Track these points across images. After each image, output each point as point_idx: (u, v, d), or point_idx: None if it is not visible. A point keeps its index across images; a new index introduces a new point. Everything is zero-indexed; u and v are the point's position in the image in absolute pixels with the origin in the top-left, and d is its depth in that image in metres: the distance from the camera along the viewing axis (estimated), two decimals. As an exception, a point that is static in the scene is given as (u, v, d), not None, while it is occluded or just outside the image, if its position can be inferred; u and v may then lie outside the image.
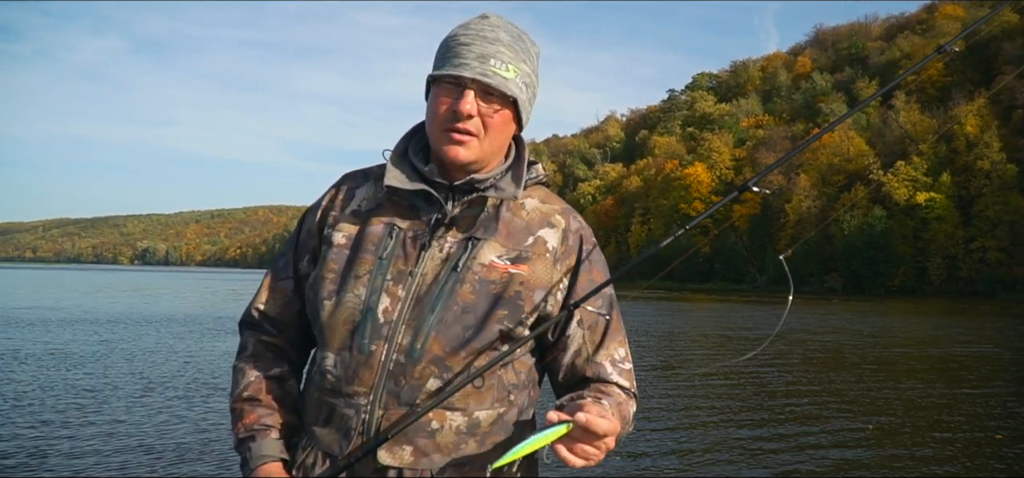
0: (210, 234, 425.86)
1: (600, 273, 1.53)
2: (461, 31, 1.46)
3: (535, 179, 1.55)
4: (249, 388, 1.53)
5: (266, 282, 1.62)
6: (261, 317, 1.59)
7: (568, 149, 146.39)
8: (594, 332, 1.51)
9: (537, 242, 1.48)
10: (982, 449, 8.01)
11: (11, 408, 8.99)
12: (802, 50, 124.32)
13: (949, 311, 39.06)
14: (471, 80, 1.41)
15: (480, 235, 1.45)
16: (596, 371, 1.50)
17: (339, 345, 1.44)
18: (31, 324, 19.77)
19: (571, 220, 1.54)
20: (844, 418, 9.42)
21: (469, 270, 1.43)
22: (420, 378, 1.40)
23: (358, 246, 1.48)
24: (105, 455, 7.07)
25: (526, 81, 1.47)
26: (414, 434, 1.39)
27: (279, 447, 1.48)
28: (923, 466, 7.29)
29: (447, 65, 1.43)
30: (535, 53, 1.51)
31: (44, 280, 58.74)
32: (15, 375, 11.42)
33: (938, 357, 16.75)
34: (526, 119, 1.51)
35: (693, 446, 7.93)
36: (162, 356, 14.02)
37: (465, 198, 1.47)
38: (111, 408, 9.16)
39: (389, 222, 1.48)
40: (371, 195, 1.53)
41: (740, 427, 8.86)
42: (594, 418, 1.25)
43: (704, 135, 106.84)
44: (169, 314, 24.08)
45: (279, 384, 1.55)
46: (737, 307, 38.17)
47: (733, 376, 13.02)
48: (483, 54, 1.42)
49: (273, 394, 1.53)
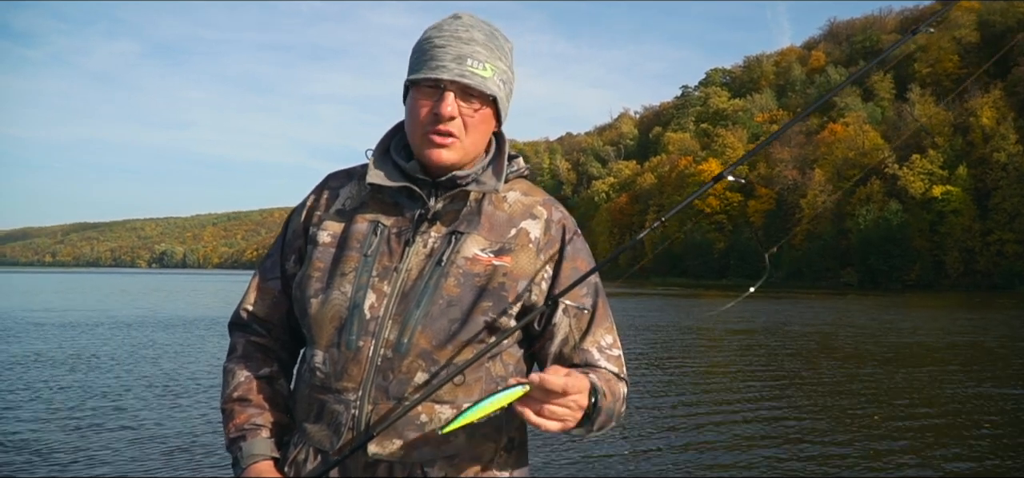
0: (227, 236, 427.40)
1: (584, 261, 1.55)
2: (435, 33, 1.46)
3: (516, 172, 1.57)
4: (239, 389, 1.55)
5: (254, 283, 1.64)
6: (250, 318, 1.62)
7: (582, 147, 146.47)
8: (580, 320, 1.52)
9: (520, 233, 1.49)
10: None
11: (45, 410, 9.19)
12: (816, 44, 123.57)
13: (966, 304, 38.84)
14: (450, 82, 1.41)
15: (463, 229, 1.47)
16: (584, 358, 1.51)
17: (327, 342, 1.45)
18: (66, 326, 20.09)
19: (553, 210, 1.56)
20: (859, 414, 9.47)
21: (453, 264, 1.44)
22: (408, 372, 1.41)
23: (343, 244, 1.49)
24: (138, 457, 7.25)
25: (503, 78, 1.49)
26: (403, 427, 1.40)
27: (270, 446, 1.50)
28: (947, 463, 7.27)
29: (424, 68, 1.43)
30: (509, 49, 1.52)
31: (66, 284, 59.33)
32: (46, 377, 11.65)
33: (961, 348, 16.73)
34: (505, 115, 1.54)
35: (698, 441, 8.02)
36: (188, 357, 14.25)
37: (447, 193, 1.48)
38: (147, 408, 9.35)
39: (373, 220, 1.50)
40: (355, 194, 1.55)
41: (749, 423, 8.93)
42: (548, 376, 1.26)
43: (718, 131, 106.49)
44: (193, 316, 24.36)
45: (269, 384, 1.58)
46: (749, 302, 38.04)
47: (737, 372, 13.08)
48: (460, 55, 1.42)
49: (263, 394, 1.56)
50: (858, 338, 19.18)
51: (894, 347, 17.10)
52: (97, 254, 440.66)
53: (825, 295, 51.53)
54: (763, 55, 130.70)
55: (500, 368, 1.49)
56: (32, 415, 8.79)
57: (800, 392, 10.85)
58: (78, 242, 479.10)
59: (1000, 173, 71.66)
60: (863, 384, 11.59)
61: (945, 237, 72.68)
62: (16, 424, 8.33)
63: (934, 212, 73.66)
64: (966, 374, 12.78)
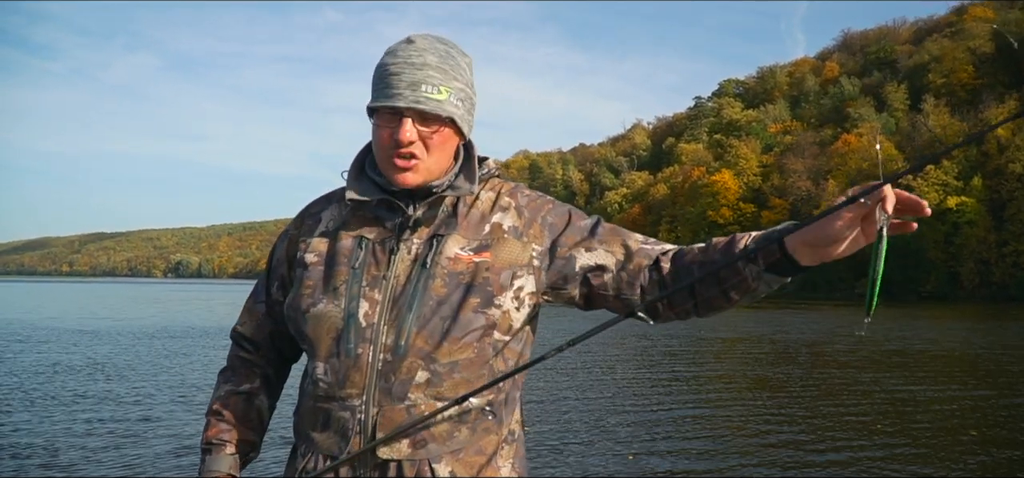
0: (242, 246, 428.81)
1: (567, 212, 1.64)
2: (389, 60, 1.53)
3: (488, 174, 1.66)
4: (218, 402, 1.69)
5: (246, 304, 1.79)
6: (239, 336, 1.77)
7: (595, 157, 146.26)
8: (610, 242, 1.60)
9: (493, 228, 1.58)
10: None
11: (64, 415, 9.38)
12: (830, 55, 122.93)
13: (981, 315, 38.59)
14: (406, 109, 1.49)
15: (443, 232, 1.56)
16: (647, 254, 1.57)
17: (327, 353, 1.52)
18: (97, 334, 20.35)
19: (519, 196, 1.64)
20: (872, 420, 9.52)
21: (437, 265, 1.52)
22: (408, 373, 1.48)
23: (331, 261, 1.57)
24: (150, 457, 7.41)
25: (461, 96, 1.55)
26: (409, 427, 1.47)
27: (230, 463, 1.63)
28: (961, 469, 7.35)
29: (381, 97, 1.50)
30: (467, 64, 1.59)
31: (82, 293, 59.83)
32: (65, 385, 11.86)
33: (977, 359, 16.70)
34: (468, 129, 1.60)
35: (716, 449, 8.11)
36: (203, 363, 14.45)
37: (426, 201, 1.56)
38: (166, 413, 9.52)
39: (357, 234, 1.58)
40: (337, 215, 1.64)
41: (760, 425, 9.00)
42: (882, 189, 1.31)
43: (731, 142, 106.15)
44: (213, 325, 24.60)
45: (247, 401, 1.70)
46: (760, 313, 37.99)
47: (744, 380, 13.12)
48: (413, 82, 1.49)
49: (236, 411, 1.68)
50: (871, 349, 19.16)
51: (908, 357, 17.12)
52: (113, 264, 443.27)
53: (839, 306, 51.28)
54: (776, 65, 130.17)
55: (501, 364, 1.56)
56: (51, 419, 8.98)
57: (809, 401, 10.91)
58: (95, 252, 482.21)
59: (1015, 184, 71.02)
60: (874, 394, 11.63)
61: (960, 248, 72.09)
62: (40, 427, 8.52)
63: (949, 223, 73.09)
64: (984, 385, 12.78)
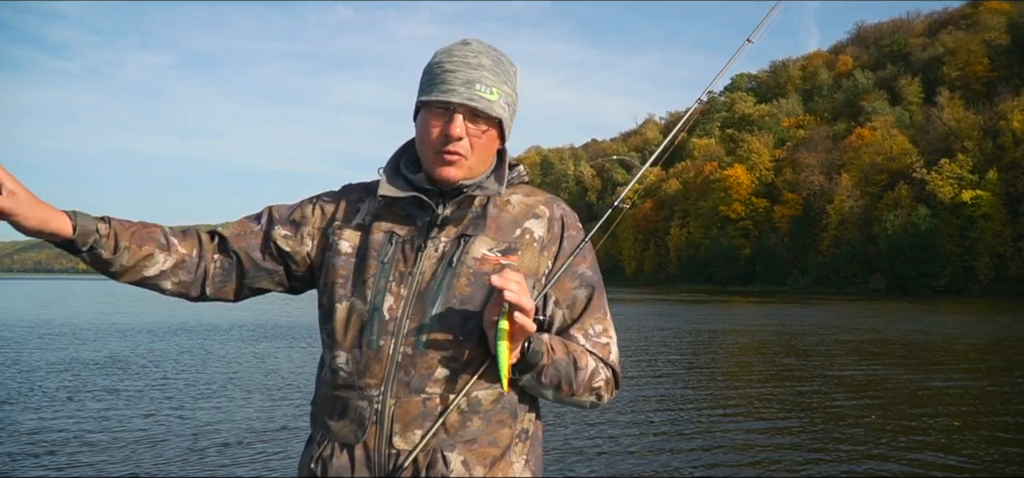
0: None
1: (578, 255, 1.65)
2: (445, 58, 1.59)
3: (517, 178, 1.70)
4: (150, 226, 1.63)
5: (243, 217, 1.76)
6: (213, 234, 1.72)
7: (606, 153, 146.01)
8: (572, 310, 1.64)
9: (524, 233, 1.62)
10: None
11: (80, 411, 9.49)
12: (843, 48, 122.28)
13: (997, 309, 38.37)
14: (459, 104, 1.54)
15: (471, 232, 1.59)
16: (568, 340, 1.63)
17: (350, 343, 1.57)
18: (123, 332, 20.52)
19: (554, 208, 1.68)
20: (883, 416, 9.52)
21: (463, 264, 1.56)
22: (427, 367, 1.52)
23: (363, 254, 1.62)
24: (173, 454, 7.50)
25: (508, 101, 1.62)
26: (423, 419, 1.51)
27: (90, 221, 1.52)
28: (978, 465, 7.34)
29: (435, 91, 1.56)
30: (513, 72, 1.65)
31: (103, 291, 60.25)
32: (83, 380, 11.99)
33: (994, 352, 16.64)
34: (508, 134, 1.67)
35: (721, 443, 8.13)
36: (224, 362, 14.57)
37: (454, 200, 1.61)
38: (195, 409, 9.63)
39: (389, 230, 1.63)
40: (372, 209, 1.68)
41: (768, 422, 9.02)
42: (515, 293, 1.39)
43: (743, 136, 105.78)
44: (231, 322, 24.73)
45: (148, 229, 1.62)
46: (774, 307, 37.91)
47: (759, 375, 13.13)
48: (469, 79, 1.55)
49: (153, 238, 1.61)
50: (885, 342, 19.12)
51: (923, 351, 17.07)
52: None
53: (853, 300, 51.09)
54: (789, 59, 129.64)
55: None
56: (66, 414, 9.10)
57: (824, 394, 10.92)
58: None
59: (1031, 177, 70.50)
60: (890, 387, 11.62)
61: (975, 242, 71.53)
62: (58, 422, 8.65)
63: (964, 217, 72.54)
64: (1000, 378, 12.75)
